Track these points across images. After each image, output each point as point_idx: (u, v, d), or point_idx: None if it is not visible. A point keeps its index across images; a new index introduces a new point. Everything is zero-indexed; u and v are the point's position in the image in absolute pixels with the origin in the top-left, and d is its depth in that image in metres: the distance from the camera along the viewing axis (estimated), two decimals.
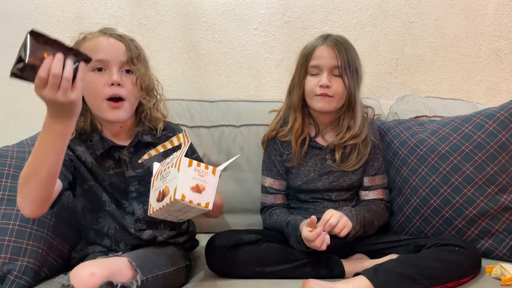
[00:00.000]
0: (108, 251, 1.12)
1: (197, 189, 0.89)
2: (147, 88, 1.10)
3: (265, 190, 1.31)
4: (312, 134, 1.28)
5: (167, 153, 1.06)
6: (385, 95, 1.72)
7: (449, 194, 1.20)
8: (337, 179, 1.25)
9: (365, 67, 1.69)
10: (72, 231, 1.23)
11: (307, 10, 1.67)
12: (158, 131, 1.14)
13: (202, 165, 0.91)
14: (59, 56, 0.79)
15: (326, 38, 1.18)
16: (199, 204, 0.89)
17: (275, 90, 1.70)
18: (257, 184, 1.37)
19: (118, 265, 0.91)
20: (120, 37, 1.07)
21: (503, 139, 1.20)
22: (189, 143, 0.96)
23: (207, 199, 0.90)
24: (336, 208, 1.14)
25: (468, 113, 1.32)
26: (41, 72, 0.78)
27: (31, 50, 0.77)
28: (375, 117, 1.42)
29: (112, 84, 1.02)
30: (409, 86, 1.73)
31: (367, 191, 1.27)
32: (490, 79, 1.74)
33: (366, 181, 1.27)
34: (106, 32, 1.07)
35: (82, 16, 1.64)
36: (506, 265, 1.04)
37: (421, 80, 1.73)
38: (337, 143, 1.23)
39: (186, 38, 1.67)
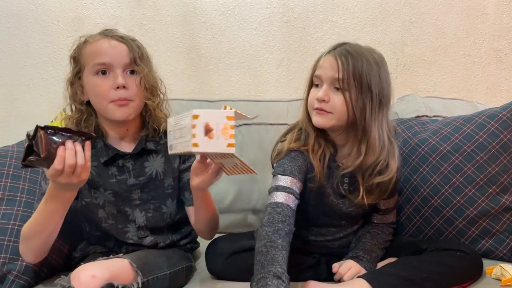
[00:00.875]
0: (108, 252, 1.11)
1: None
2: (151, 88, 1.08)
3: (279, 188, 1.02)
4: (330, 152, 1.09)
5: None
6: None
7: (450, 194, 1.20)
8: (354, 205, 1.10)
9: None
10: (72, 231, 1.22)
11: (307, 10, 1.67)
12: (161, 131, 1.12)
13: None
14: (70, 145, 0.85)
15: (337, 47, 1.04)
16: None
17: (275, 90, 1.70)
18: (256, 184, 1.37)
19: (119, 267, 0.91)
20: (122, 38, 1.06)
21: (505, 139, 1.20)
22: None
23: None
24: (338, 233, 1.14)
25: (468, 113, 1.32)
26: (57, 165, 0.83)
27: (44, 144, 0.83)
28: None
29: (117, 87, 1.02)
30: (409, 86, 1.73)
31: (380, 215, 1.18)
32: (490, 79, 1.74)
33: (381, 204, 1.16)
34: (107, 34, 1.06)
35: (82, 16, 1.64)
36: (506, 266, 1.04)
37: (421, 80, 1.73)
38: (356, 169, 1.05)
39: (186, 38, 1.67)
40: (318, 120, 1.03)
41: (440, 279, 0.97)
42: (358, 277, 0.99)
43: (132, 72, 1.06)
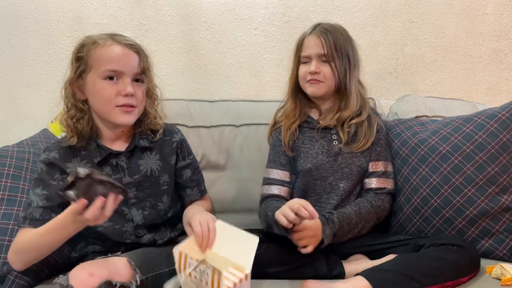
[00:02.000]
0: (107, 251, 1.11)
1: None
2: (152, 96, 1.14)
3: (268, 181, 1.27)
4: (316, 117, 1.29)
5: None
6: (385, 95, 1.72)
7: (450, 194, 1.20)
8: (346, 161, 1.24)
9: (365, 67, 1.69)
10: None
11: (307, 10, 1.67)
12: (157, 135, 1.15)
13: (237, 278, 0.88)
14: (110, 200, 0.88)
15: (314, 28, 1.25)
16: None
17: (275, 90, 1.70)
18: (257, 184, 1.36)
19: (117, 265, 0.92)
20: (134, 47, 1.07)
21: (504, 139, 1.20)
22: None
23: None
24: (338, 206, 1.19)
25: (468, 113, 1.32)
26: (89, 214, 0.86)
27: (85, 193, 0.86)
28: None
29: (125, 95, 1.04)
30: (409, 86, 1.73)
31: (369, 179, 1.25)
32: (490, 79, 1.74)
33: (370, 166, 1.26)
34: (120, 41, 1.05)
35: (82, 16, 1.64)
36: (506, 265, 1.05)
37: (421, 80, 1.73)
38: (337, 123, 1.25)
39: (186, 38, 1.67)
40: (314, 89, 1.23)
41: (438, 274, 0.98)
42: (357, 274, 0.99)
43: (137, 80, 1.08)
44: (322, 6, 1.67)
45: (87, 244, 1.15)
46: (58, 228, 0.95)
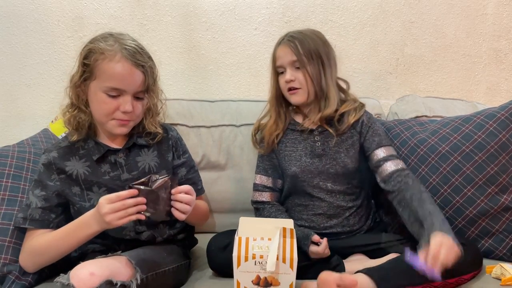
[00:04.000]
0: (107, 250, 1.12)
1: None
2: (154, 111, 1.15)
3: (254, 187, 1.32)
4: (300, 121, 1.30)
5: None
6: (385, 95, 1.72)
7: (449, 194, 1.20)
8: (330, 162, 1.24)
9: (365, 67, 1.70)
10: None
11: (307, 10, 1.67)
12: (155, 139, 1.16)
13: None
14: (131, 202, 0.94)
15: (283, 38, 1.26)
16: None
17: None
18: None
19: (118, 264, 0.92)
20: (142, 67, 1.05)
21: (504, 139, 1.20)
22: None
23: None
24: (333, 203, 1.22)
25: (468, 113, 1.32)
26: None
27: (160, 187, 0.95)
28: (376, 116, 1.44)
29: (124, 112, 1.05)
30: (409, 86, 1.73)
31: (386, 163, 1.20)
32: (490, 79, 1.74)
33: (378, 153, 1.22)
34: (127, 57, 1.03)
35: (82, 16, 1.64)
36: (506, 265, 1.05)
37: (421, 80, 1.73)
38: (321, 122, 1.26)
39: (186, 38, 1.67)
40: (296, 98, 1.25)
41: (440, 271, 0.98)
42: (358, 272, 0.99)
43: (138, 96, 1.08)
44: (322, 6, 1.67)
45: (87, 243, 1.15)
46: (80, 227, 0.98)
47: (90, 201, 1.08)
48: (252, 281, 0.93)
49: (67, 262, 1.16)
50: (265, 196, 1.30)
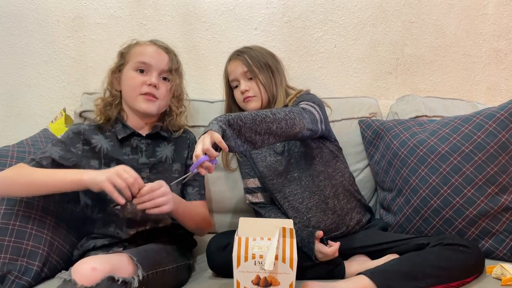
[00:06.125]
0: (108, 246, 1.13)
1: None
2: (178, 97, 1.28)
3: (246, 191, 1.38)
4: None
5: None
6: (385, 95, 1.72)
7: (449, 194, 1.20)
8: (289, 154, 1.27)
9: (365, 67, 1.70)
10: (72, 232, 1.23)
11: (307, 10, 1.67)
12: (176, 134, 1.28)
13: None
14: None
15: (232, 55, 1.36)
16: None
17: None
18: None
19: (119, 261, 0.92)
20: (166, 49, 1.25)
21: (503, 139, 1.20)
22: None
23: None
24: (304, 194, 1.24)
25: (468, 113, 1.32)
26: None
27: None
28: (371, 115, 1.49)
29: (149, 85, 1.19)
30: (409, 86, 1.73)
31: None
32: (490, 79, 1.74)
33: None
34: (156, 42, 1.25)
35: (82, 16, 1.64)
36: (506, 265, 1.05)
37: (421, 80, 1.73)
38: None
39: (186, 38, 1.67)
40: (251, 105, 1.31)
41: (443, 274, 0.98)
42: (359, 273, 0.99)
43: (165, 79, 1.24)
44: (322, 6, 1.67)
45: (89, 239, 1.17)
46: (71, 172, 1.05)
47: None
48: (252, 281, 0.93)
49: (67, 263, 1.17)
50: (259, 197, 1.34)
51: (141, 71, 1.20)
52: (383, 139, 1.40)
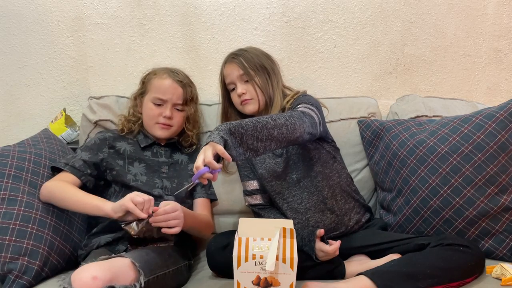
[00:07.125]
0: (112, 244, 1.15)
1: None
2: (193, 122, 1.41)
3: (245, 193, 1.38)
4: None
5: None
6: (385, 95, 1.72)
7: (449, 195, 1.20)
8: (288, 156, 1.28)
9: (365, 67, 1.70)
10: (73, 232, 1.23)
11: (307, 10, 1.67)
12: (190, 149, 1.42)
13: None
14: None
15: (227, 58, 1.36)
16: None
17: None
18: None
19: (121, 267, 0.92)
20: (181, 83, 1.36)
21: (503, 139, 1.20)
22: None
23: None
24: (303, 196, 1.24)
25: (467, 113, 1.32)
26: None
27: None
28: (370, 115, 1.50)
29: (164, 116, 1.33)
30: (409, 86, 1.73)
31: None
32: (490, 79, 1.74)
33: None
34: (171, 76, 1.36)
35: (82, 16, 1.64)
36: (506, 265, 1.05)
37: (421, 80, 1.73)
38: None
39: (186, 38, 1.67)
40: (248, 108, 1.31)
41: (443, 274, 0.98)
42: (360, 274, 0.99)
43: (179, 108, 1.36)
44: (322, 6, 1.67)
45: (91, 238, 1.19)
46: (96, 203, 1.12)
47: (129, 172, 1.28)
48: (252, 282, 0.93)
49: (68, 263, 1.17)
50: (258, 199, 1.34)
51: (158, 104, 1.33)
52: (382, 140, 1.40)
